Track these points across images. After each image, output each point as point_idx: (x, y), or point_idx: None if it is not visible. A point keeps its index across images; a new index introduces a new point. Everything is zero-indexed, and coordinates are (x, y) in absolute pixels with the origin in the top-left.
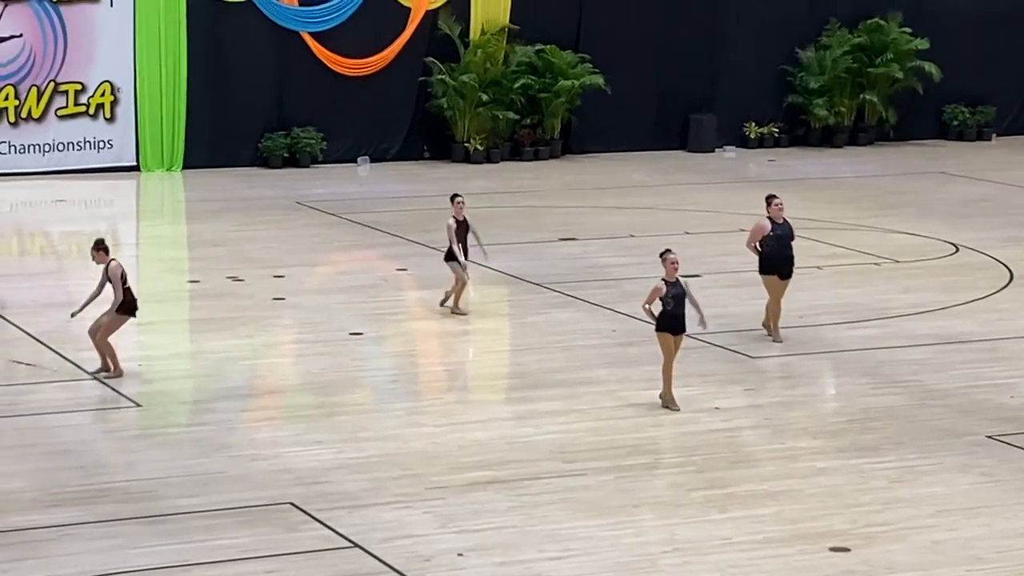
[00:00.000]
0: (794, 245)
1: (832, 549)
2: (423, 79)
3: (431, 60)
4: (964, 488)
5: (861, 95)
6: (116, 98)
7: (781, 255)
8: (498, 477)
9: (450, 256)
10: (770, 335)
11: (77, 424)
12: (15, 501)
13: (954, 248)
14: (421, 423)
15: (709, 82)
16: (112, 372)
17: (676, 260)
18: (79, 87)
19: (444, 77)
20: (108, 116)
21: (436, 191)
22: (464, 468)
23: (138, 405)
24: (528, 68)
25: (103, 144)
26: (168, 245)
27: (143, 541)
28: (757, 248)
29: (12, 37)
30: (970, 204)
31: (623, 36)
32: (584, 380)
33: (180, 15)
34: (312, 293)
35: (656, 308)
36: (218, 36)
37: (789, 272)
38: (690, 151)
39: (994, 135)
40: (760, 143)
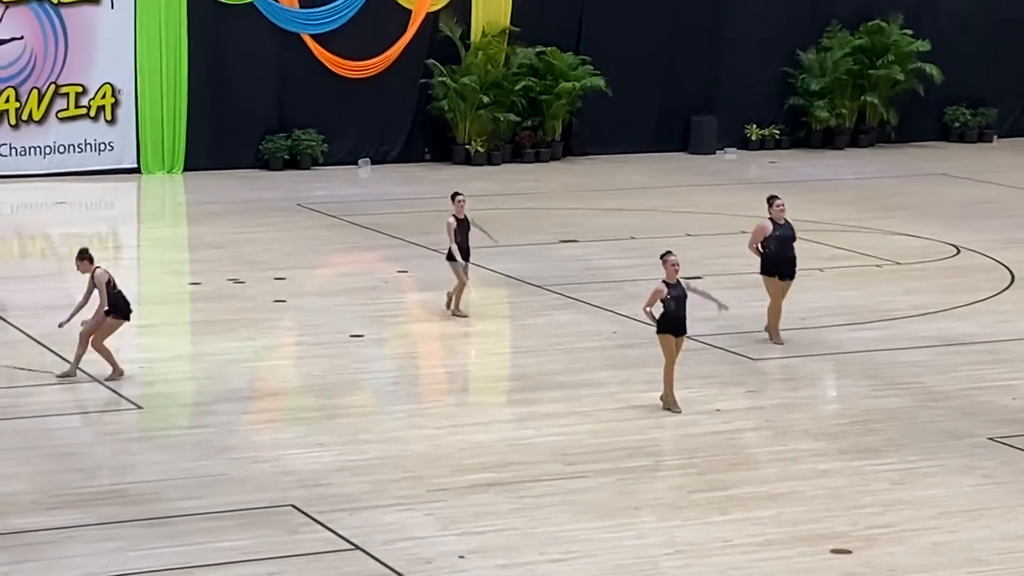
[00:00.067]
0: (796, 246)
1: (833, 551)
2: (424, 81)
3: (432, 62)
4: (965, 490)
5: (862, 97)
6: (117, 100)
7: (783, 256)
8: (499, 479)
9: (452, 256)
10: (772, 339)
11: (78, 426)
12: (16, 503)
13: (955, 250)
14: (422, 425)
15: (710, 84)
16: (112, 373)
17: (677, 262)
18: (80, 89)
19: (445, 79)
20: (109, 118)
21: (437, 193)
22: (465, 470)
23: (139, 407)
24: (529, 70)
25: (104, 146)
26: (169, 247)
27: (144, 543)
28: (759, 249)
29: (13, 39)
30: (971, 206)
31: (624, 38)
32: (585, 382)
33: (181, 17)
34: (313, 295)
35: (657, 310)
36: (219, 38)
37: (791, 273)
38: (691, 153)
39: (995, 137)
40: (761, 145)
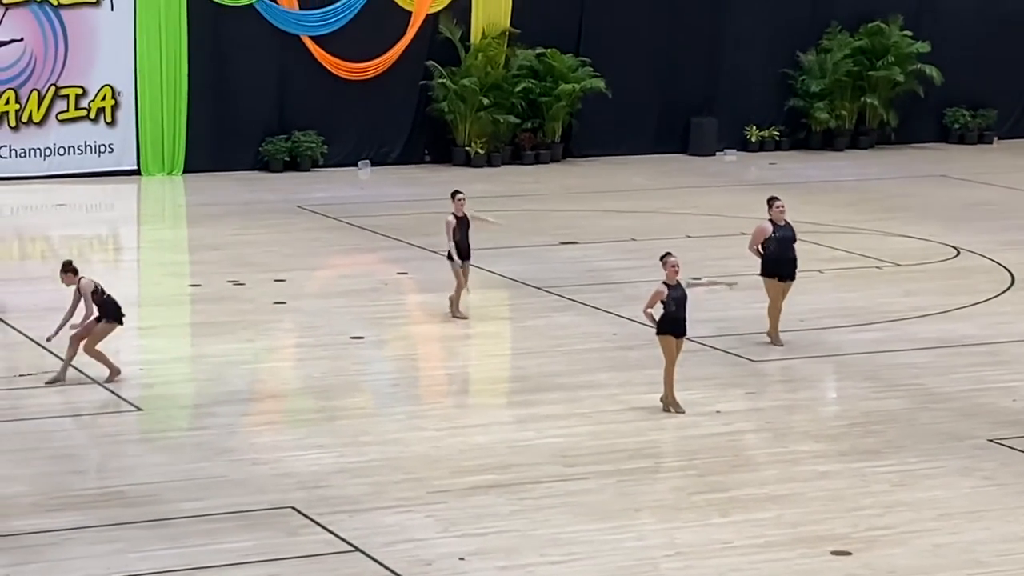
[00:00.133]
0: (796, 248)
1: (833, 553)
2: (424, 83)
3: (432, 64)
4: (966, 492)
5: (862, 98)
6: (117, 102)
7: (783, 257)
8: (499, 481)
9: (450, 255)
10: (771, 340)
11: (78, 428)
12: (16, 505)
13: (955, 251)
14: (422, 427)
15: (710, 85)
16: (110, 374)
17: (677, 263)
18: (80, 91)
19: (445, 81)
20: (109, 120)
21: (437, 195)
22: (465, 472)
23: (139, 409)
24: (529, 72)
25: (104, 148)
26: (169, 249)
27: (144, 545)
28: (759, 251)
29: (13, 41)
30: (971, 207)
31: (624, 39)
32: (585, 384)
33: (181, 19)
34: (313, 297)
35: (657, 311)
36: (219, 40)
37: (791, 274)
38: (691, 155)
39: (995, 138)
40: (761, 147)
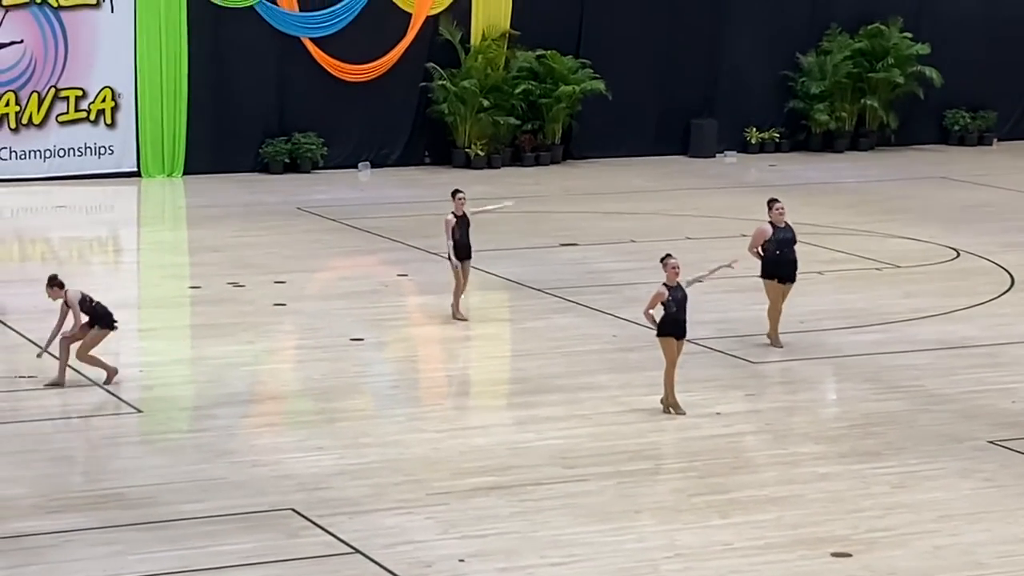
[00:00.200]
0: (796, 249)
1: (834, 554)
2: (424, 84)
3: (432, 65)
4: (966, 493)
5: (862, 100)
6: (117, 104)
7: (783, 259)
8: (499, 483)
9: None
10: (771, 342)
11: (78, 430)
12: (16, 507)
13: (955, 253)
14: (422, 429)
15: (710, 87)
16: (108, 376)
17: (677, 265)
18: (80, 93)
19: (445, 82)
20: (109, 122)
21: (437, 196)
22: (465, 474)
23: (139, 411)
24: (529, 73)
25: (104, 150)
26: (169, 251)
27: (144, 547)
28: (759, 252)
29: (13, 43)
30: (971, 209)
31: (624, 41)
32: (585, 385)
33: (181, 20)
34: (313, 299)
35: (658, 313)
36: (219, 41)
37: (792, 276)
38: (691, 156)
39: (995, 140)
40: (761, 148)
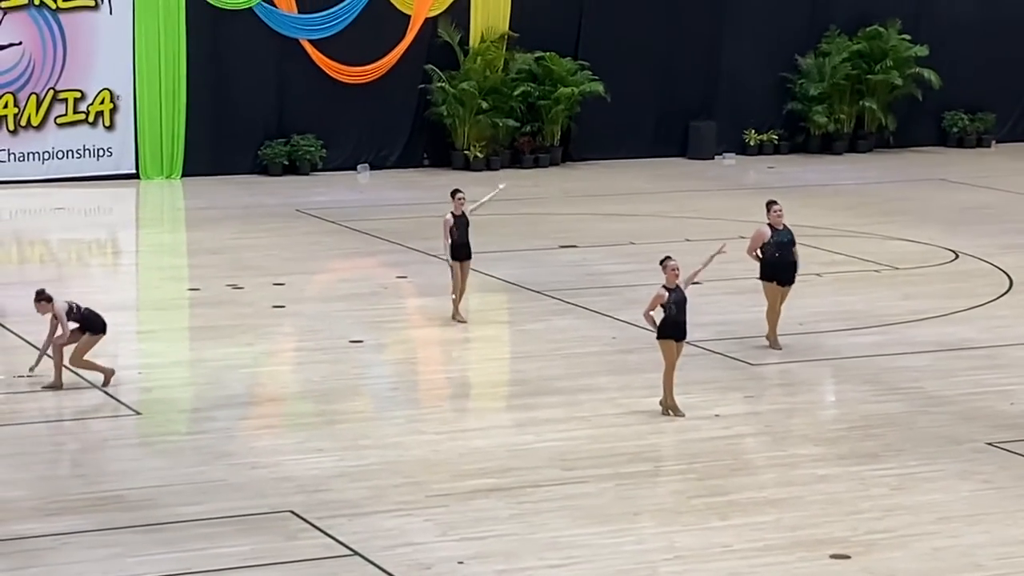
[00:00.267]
0: (795, 251)
1: (833, 556)
2: (423, 86)
3: (431, 67)
4: (964, 495)
5: (861, 102)
6: (115, 106)
7: (782, 261)
8: (499, 485)
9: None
10: (770, 344)
11: (77, 432)
12: (15, 509)
13: (954, 255)
14: (421, 431)
15: (709, 89)
16: (105, 378)
17: (676, 267)
18: (78, 95)
19: (444, 84)
20: (107, 124)
21: (436, 198)
22: (465, 476)
23: (138, 413)
24: (528, 75)
25: (102, 152)
26: (168, 253)
27: (143, 549)
28: (758, 255)
29: (11, 45)
30: (970, 211)
31: (623, 43)
32: (584, 387)
33: (180, 22)
34: (312, 301)
35: (658, 315)
36: (218, 43)
37: (791, 278)
38: (690, 158)
39: (993, 142)
40: (760, 150)
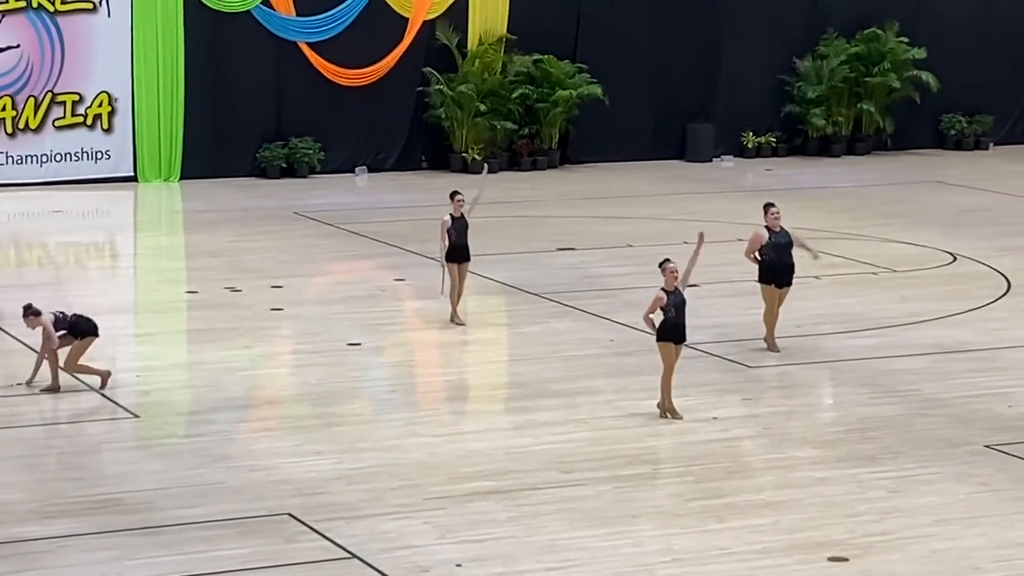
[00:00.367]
0: (794, 253)
1: (830, 559)
2: (421, 89)
3: (429, 70)
4: (962, 497)
5: (858, 105)
6: (114, 109)
7: (780, 264)
8: (497, 487)
9: (447, 258)
10: (768, 348)
11: (75, 435)
12: (13, 512)
13: (952, 257)
14: (420, 433)
15: (707, 92)
16: (101, 381)
17: (676, 269)
18: (76, 97)
19: (442, 87)
20: (106, 127)
21: (434, 201)
22: (463, 478)
23: (136, 416)
24: (526, 78)
25: (100, 155)
26: (166, 256)
27: (141, 552)
28: (756, 257)
29: (9, 48)
30: (967, 213)
31: (621, 46)
32: (582, 390)
33: (178, 25)
34: (310, 303)
35: (657, 318)
36: (216, 46)
37: (788, 281)
38: (688, 161)
39: (991, 144)
40: (758, 153)
